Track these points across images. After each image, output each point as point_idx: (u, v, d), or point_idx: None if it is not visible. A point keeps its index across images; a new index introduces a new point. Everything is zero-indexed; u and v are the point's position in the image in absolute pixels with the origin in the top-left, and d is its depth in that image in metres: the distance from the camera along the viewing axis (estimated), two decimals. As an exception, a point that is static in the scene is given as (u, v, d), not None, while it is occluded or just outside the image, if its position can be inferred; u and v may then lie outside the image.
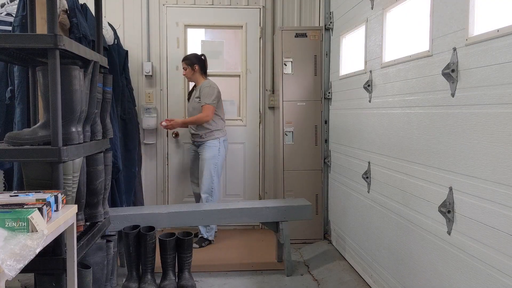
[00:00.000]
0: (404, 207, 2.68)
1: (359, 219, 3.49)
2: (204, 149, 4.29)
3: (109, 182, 2.74)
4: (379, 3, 3.10)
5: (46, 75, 2.07)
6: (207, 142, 4.29)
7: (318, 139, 4.45)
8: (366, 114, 3.34)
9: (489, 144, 1.88)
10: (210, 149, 4.28)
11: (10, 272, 1.28)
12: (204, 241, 4.31)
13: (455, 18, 2.14)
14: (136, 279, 3.27)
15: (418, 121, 2.50)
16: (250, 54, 4.87)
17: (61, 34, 2.05)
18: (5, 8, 3.29)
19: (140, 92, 4.80)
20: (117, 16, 4.69)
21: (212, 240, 4.37)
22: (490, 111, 1.88)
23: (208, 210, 3.67)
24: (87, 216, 2.50)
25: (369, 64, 3.28)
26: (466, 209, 2.05)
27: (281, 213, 3.67)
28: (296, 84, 4.40)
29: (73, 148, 2.16)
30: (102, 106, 2.64)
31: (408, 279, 2.64)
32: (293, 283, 3.50)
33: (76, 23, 3.05)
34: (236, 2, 4.82)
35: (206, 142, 4.29)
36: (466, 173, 2.04)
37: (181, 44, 4.82)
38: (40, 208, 1.66)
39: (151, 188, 4.89)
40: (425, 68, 2.43)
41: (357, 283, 3.32)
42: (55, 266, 2.01)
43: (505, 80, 1.78)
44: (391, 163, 2.86)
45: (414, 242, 2.56)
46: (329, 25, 4.39)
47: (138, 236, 3.25)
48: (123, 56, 4.13)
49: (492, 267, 1.85)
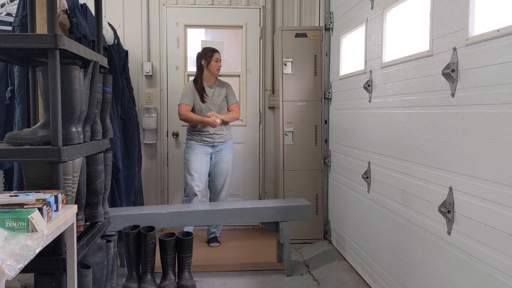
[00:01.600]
0: (404, 207, 2.68)
1: (359, 219, 3.49)
2: (225, 150, 4.27)
3: (109, 182, 2.74)
4: (379, 3, 3.10)
5: (46, 75, 2.07)
6: (228, 142, 4.30)
7: (318, 139, 4.45)
8: (366, 114, 3.34)
9: (489, 144, 1.88)
10: (231, 149, 4.34)
11: (10, 272, 1.28)
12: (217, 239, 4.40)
13: (455, 18, 2.14)
14: (136, 279, 3.27)
15: (418, 121, 2.50)
16: (250, 54, 4.87)
17: (61, 34, 2.05)
18: (5, 8, 3.29)
19: (140, 92, 4.80)
20: (117, 16, 4.69)
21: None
22: (490, 111, 1.88)
23: (208, 210, 3.67)
24: (87, 216, 2.51)
25: (369, 64, 3.28)
26: (466, 209, 2.05)
27: (281, 213, 3.67)
28: (296, 84, 4.40)
29: (73, 148, 2.16)
30: (102, 106, 2.64)
31: (408, 279, 2.64)
32: (293, 283, 3.50)
33: (76, 23, 3.05)
34: (236, 2, 4.83)
35: (227, 142, 4.29)
36: (466, 173, 2.04)
37: (181, 44, 4.82)
38: (40, 208, 1.66)
39: (151, 188, 4.89)
40: (425, 68, 2.43)
41: (357, 283, 3.32)
42: (55, 266, 2.01)
43: (505, 80, 1.78)
44: (391, 163, 2.86)
45: (414, 242, 2.56)
46: (329, 25, 4.39)
47: (138, 236, 3.25)
48: (123, 56, 4.13)
49: (492, 267, 1.85)
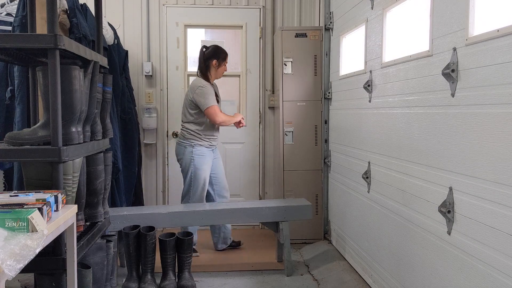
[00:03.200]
0: (404, 207, 2.68)
1: (359, 219, 3.49)
2: (217, 151, 4.21)
3: (109, 182, 2.74)
4: (379, 3, 3.10)
5: (46, 75, 2.07)
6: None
7: (318, 139, 4.45)
8: (366, 114, 3.34)
9: (489, 144, 1.88)
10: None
11: (10, 272, 1.28)
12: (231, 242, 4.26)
13: (455, 18, 2.14)
14: (136, 279, 3.27)
15: (418, 121, 2.50)
16: (250, 54, 4.87)
17: (61, 34, 2.05)
18: (5, 8, 3.29)
19: (140, 92, 4.80)
20: (117, 16, 4.69)
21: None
22: (490, 111, 1.88)
23: (208, 210, 3.67)
24: (87, 216, 2.50)
25: (369, 64, 3.28)
26: (466, 209, 2.05)
27: (281, 213, 3.67)
28: (296, 84, 4.40)
29: (73, 148, 2.16)
30: (102, 106, 2.64)
31: (408, 279, 2.64)
32: (293, 283, 3.50)
33: (76, 23, 3.05)
34: (236, 2, 4.83)
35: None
36: (466, 173, 2.04)
37: (181, 44, 4.82)
38: (40, 208, 1.66)
39: (151, 188, 4.89)
40: (425, 68, 2.43)
41: (357, 283, 3.32)
42: (55, 266, 2.01)
43: (505, 80, 1.78)
44: (391, 163, 2.86)
45: (414, 242, 2.56)
46: (329, 25, 4.39)
47: (138, 236, 3.25)
48: (123, 56, 4.14)
49: (492, 267, 1.85)
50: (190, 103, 3.95)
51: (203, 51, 4.04)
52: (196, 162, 3.93)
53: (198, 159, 3.93)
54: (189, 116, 3.98)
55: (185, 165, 3.98)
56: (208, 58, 4.01)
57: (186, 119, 4.01)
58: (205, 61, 4.02)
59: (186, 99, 4.04)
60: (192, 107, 3.94)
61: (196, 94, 3.90)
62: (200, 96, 3.89)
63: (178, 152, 4.04)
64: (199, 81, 3.99)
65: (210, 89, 3.94)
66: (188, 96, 4.00)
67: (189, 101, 3.96)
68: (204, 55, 4.03)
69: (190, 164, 3.94)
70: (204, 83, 3.96)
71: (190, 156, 3.94)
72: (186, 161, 3.96)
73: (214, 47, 4.06)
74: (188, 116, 3.98)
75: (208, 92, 3.90)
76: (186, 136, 3.98)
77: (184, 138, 3.99)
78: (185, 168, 3.98)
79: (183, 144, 3.98)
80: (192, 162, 3.94)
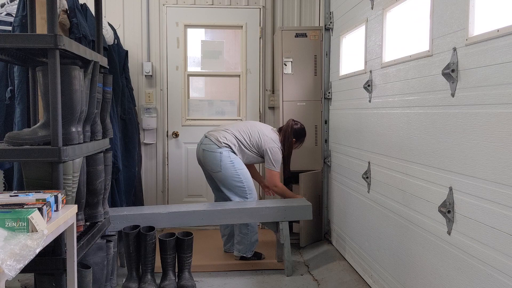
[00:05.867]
0: (404, 207, 2.68)
1: (359, 219, 3.49)
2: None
3: (109, 182, 2.74)
4: (379, 3, 3.09)
5: (46, 75, 2.07)
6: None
7: (318, 139, 4.45)
8: (366, 114, 3.34)
9: (489, 144, 1.88)
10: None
11: (10, 272, 1.28)
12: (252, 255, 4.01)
13: (455, 18, 2.14)
14: (136, 279, 3.27)
15: (418, 121, 2.50)
16: (250, 54, 4.87)
17: (61, 34, 2.05)
18: (5, 8, 3.29)
19: (140, 92, 4.80)
20: (117, 16, 4.69)
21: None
22: (490, 111, 1.88)
23: (208, 210, 3.66)
24: (87, 216, 2.51)
25: (369, 64, 3.28)
26: (466, 209, 2.05)
27: (281, 213, 3.67)
28: (296, 84, 4.40)
29: (73, 148, 2.16)
30: (102, 106, 2.65)
31: (408, 279, 2.64)
32: (293, 283, 3.50)
33: (76, 23, 3.05)
34: (236, 2, 4.83)
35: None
36: (466, 173, 2.04)
37: (181, 44, 4.82)
38: (40, 208, 1.67)
39: (151, 188, 4.89)
40: (425, 68, 2.43)
41: (357, 283, 3.32)
42: (55, 266, 2.01)
43: (505, 80, 1.78)
44: (391, 163, 2.86)
45: (414, 242, 2.56)
46: (329, 25, 4.38)
47: (138, 236, 3.25)
48: (123, 56, 4.13)
49: (492, 267, 1.85)
50: (258, 144, 3.91)
51: (292, 125, 4.01)
52: (235, 163, 3.85)
53: (236, 162, 3.85)
54: (246, 142, 3.91)
55: (225, 170, 3.84)
56: (294, 134, 4.01)
57: (241, 138, 3.91)
58: (292, 134, 4.00)
59: (255, 131, 3.93)
60: (256, 147, 3.92)
61: (271, 151, 3.89)
62: (273, 155, 3.89)
63: (213, 158, 3.86)
64: (277, 140, 3.95)
65: (281, 154, 3.95)
66: (261, 136, 3.91)
67: (258, 140, 3.90)
68: (293, 129, 4.01)
69: (230, 167, 3.85)
70: (280, 146, 3.95)
71: (228, 161, 3.83)
72: (226, 166, 3.84)
73: (303, 130, 4.07)
74: (246, 141, 3.91)
75: (279, 158, 3.94)
76: (221, 140, 3.85)
77: (219, 142, 3.84)
78: (226, 172, 3.84)
79: (218, 151, 3.83)
80: (232, 164, 3.84)
